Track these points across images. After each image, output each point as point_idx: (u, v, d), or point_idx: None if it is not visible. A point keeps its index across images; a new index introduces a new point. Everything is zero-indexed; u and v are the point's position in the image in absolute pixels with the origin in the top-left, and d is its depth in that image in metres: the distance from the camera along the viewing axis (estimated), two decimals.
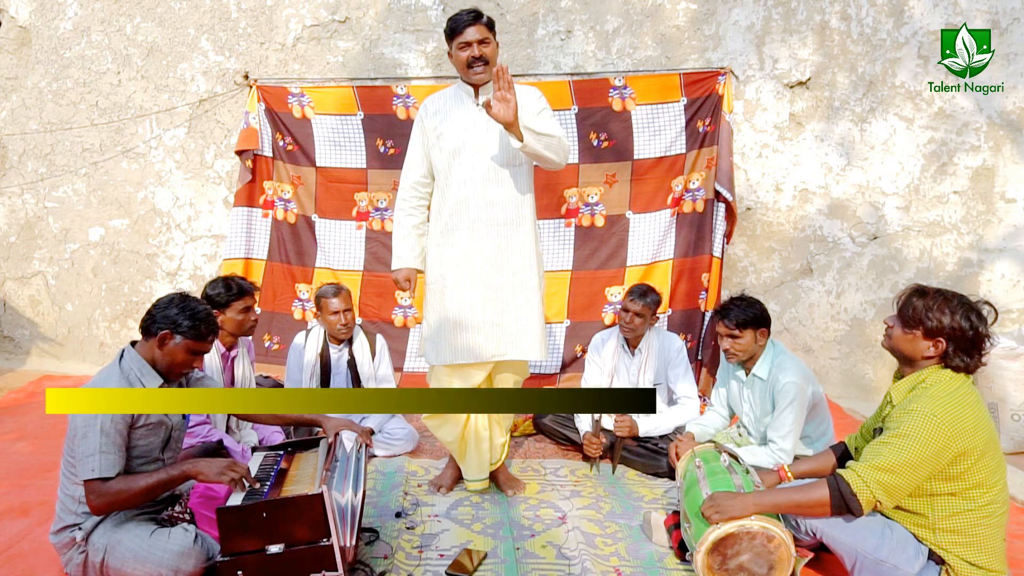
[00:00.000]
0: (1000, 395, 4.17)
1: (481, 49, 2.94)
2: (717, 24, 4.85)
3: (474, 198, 3.00)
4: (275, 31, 5.12)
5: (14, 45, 5.45)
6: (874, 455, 2.19)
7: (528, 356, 3.08)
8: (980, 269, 4.79)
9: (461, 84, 3.10)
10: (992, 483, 2.18)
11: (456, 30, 2.95)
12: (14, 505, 3.12)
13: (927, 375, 2.25)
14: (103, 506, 2.23)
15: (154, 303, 2.43)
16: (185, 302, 2.41)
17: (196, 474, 2.30)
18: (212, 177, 5.33)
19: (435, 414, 3.19)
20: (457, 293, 3.04)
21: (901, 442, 2.13)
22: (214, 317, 2.46)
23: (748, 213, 4.96)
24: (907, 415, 2.16)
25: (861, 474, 2.17)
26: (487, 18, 2.99)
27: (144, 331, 2.40)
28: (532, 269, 3.07)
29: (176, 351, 2.38)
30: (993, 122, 4.69)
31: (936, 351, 2.23)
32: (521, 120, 2.81)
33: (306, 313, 5.04)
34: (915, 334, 2.26)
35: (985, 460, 2.16)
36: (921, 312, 2.24)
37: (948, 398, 2.16)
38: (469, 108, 3.06)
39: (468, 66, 2.97)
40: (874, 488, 2.15)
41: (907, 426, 2.14)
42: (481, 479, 3.29)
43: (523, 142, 2.83)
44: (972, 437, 2.13)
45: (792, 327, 5.01)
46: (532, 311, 3.07)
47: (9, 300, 5.67)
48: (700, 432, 3.36)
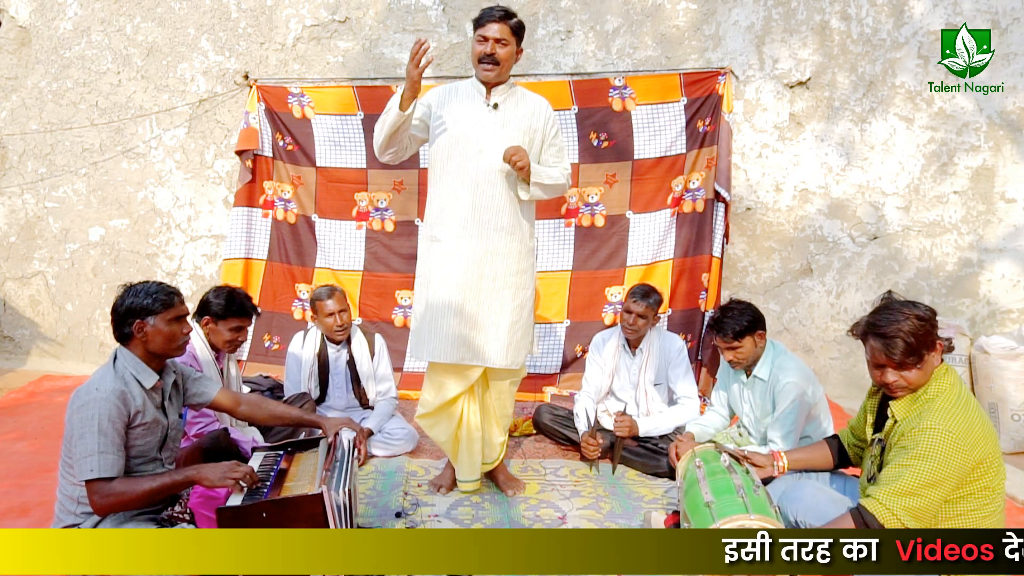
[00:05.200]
0: (1000, 395, 4.17)
1: (496, 48, 2.90)
2: (717, 24, 4.85)
3: (467, 198, 2.96)
4: (275, 31, 5.12)
5: (14, 45, 5.45)
6: (894, 479, 2.11)
7: (500, 363, 3.03)
8: (980, 269, 4.79)
9: (474, 81, 3.05)
10: (996, 485, 2.18)
11: (480, 21, 2.93)
12: (14, 505, 3.12)
13: (928, 386, 2.21)
14: (106, 507, 2.22)
15: (111, 314, 2.40)
16: (131, 291, 2.38)
17: (200, 480, 2.29)
18: (212, 177, 5.33)
19: (429, 413, 3.18)
20: (440, 290, 3.00)
21: (921, 464, 2.07)
22: (166, 284, 2.44)
23: (748, 213, 4.96)
24: (922, 434, 2.10)
25: (884, 502, 2.10)
26: (516, 21, 2.93)
27: (121, 339, 2.39)
28: (513, 276, 3.03)
29: (158, 330, 2.36)
30: (993, 122, 4.68)
31: (940, 351, 2.21)
32: (533, 176, 2.92)
33: (306, 313, 5.04)
34: (925, 361, 2.18)
35: (995, 466, 2.15)
36: (912, 344, 2.15)
37: (955, 409, 2.12)
38: (479, 105, 3.01)
39: (479, 60, 2.94)
40: (900, 515, 2.08)
41: (924, 446, 2.08)
42: (472, 480, 3.25)
43: (529, 195, 2.96)
44: (984, 445, 2.11)
45: (792, 327, 5.01)
46: (509, 318, 3.02)
47: (9, 300, 5.67)
48: (700, 432, 3.37)
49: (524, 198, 2.98)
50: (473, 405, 3.18)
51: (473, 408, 3.17)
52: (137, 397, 2.32)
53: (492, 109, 2.99)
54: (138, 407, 2.31)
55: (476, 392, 3.17)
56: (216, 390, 2.67)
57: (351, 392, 3.92)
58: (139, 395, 2.33)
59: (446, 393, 3.10)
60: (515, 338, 3.05)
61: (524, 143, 2.97)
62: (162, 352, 2.41)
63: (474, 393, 3.17)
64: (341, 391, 3.92)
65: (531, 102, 3.06)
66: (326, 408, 3.91)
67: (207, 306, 3.23)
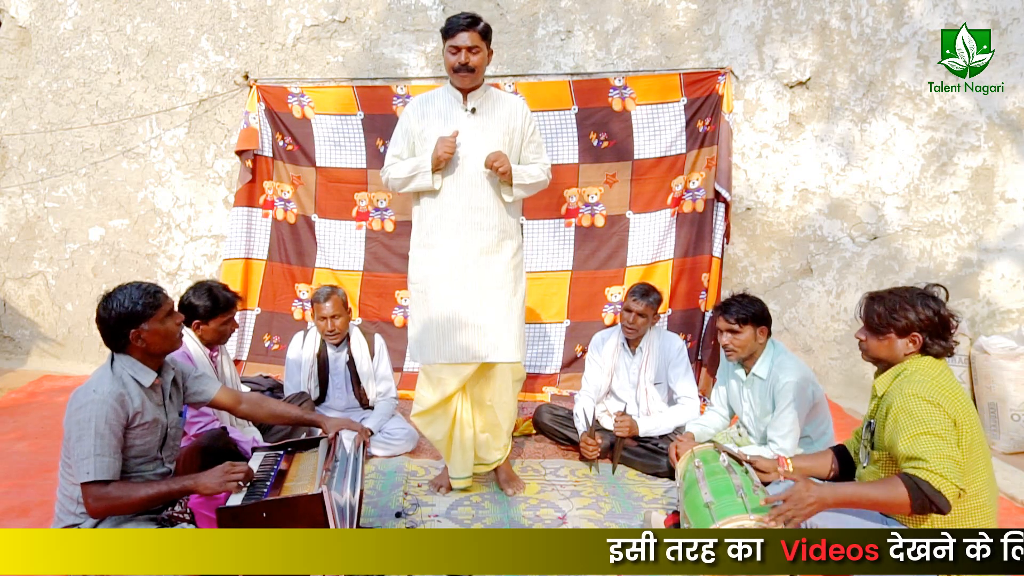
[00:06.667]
0: (1000, 395, 4.17)
1: (469, 56, 2.97)
2: (717, 24, 4.85)
3: (458, 202, 3.06)
4: (275, 31, 5.12)
5: (14, 45, 5.45)
6: (916, 448, 2.07)
7: (508, 359, 3.11)
8: (980, 269, 4.79)
9: (449, 87, 3.13)
10: (977, 469, 2.16)
11: (449, 32, 2.98)
12: (14, 505, 3.12)
13: (908, 364, 2.27)
14: (101, 510, 2.22)
15: (99, 326, 2.36)
16: (113, 301, 2.33)
17: (197, 488, 2.27)
18: (212, 177, 5.33)
19: (425, 411, 3.21)
20: (440, 293, 3.08)
21: (924, 428, 2.08)
22: (145, 284, 2.40)
23: (748, 213, 4.96)
24: (907, 401, 2.14)
25: (934, 469, 2.03)
26: (483, 25, 3.00)
27: (117, 349, 2.36)
28: (507, 272, 3.12)
29: (155, 332, 2.33)
30: (993, 122, 4.68)
31: (915, 346, 2.25)
32: (516, 179, 3.03)
33: (306, 313, 5.04)
34: (889, 338, 2.27)
35: (971, 435, 2.14)
36: (886, 315, 2.26)
37: (932, 380, 2.18)
38: (457, 113, 3.10)
39: (455, 70, 3.01)
40: (952, 478, 2.02)
41: (917, 414, 2.10)
42: (463, 477, 3.28)
43: (513, 197, 3.08)
44: (957, 407, 2.14)
45: (792, 327, 5.01)
46: (511, 314, 3.11)
47: (9, 300, 5.67)
48: (700, 432, 3.36)
49: (508, 200, 3.10)
50: (466, 403, 3.22)
51: (466, 406, 3.22)
52: (135, 398, 2.31)
53: (471, 114, 3.09)
54: (136, 408, 2.31)
55: (469, 391, 3.21)
56: (216, 388, 2.67)
57: (351, 392, 3.92)
58: (137, 396, 2.32)
59: (443, 391, 3.15)
60: (514, 332, 3.13)
61: (504, 143, 3.08)
62: (162, 351, 2.41)
63: (467, 391, 3.21)
64: (341, 391, 3.92)
65: (506, 103, 3.17)
66: (326, 408, 3.91)
67: (193, 310, 3.21)
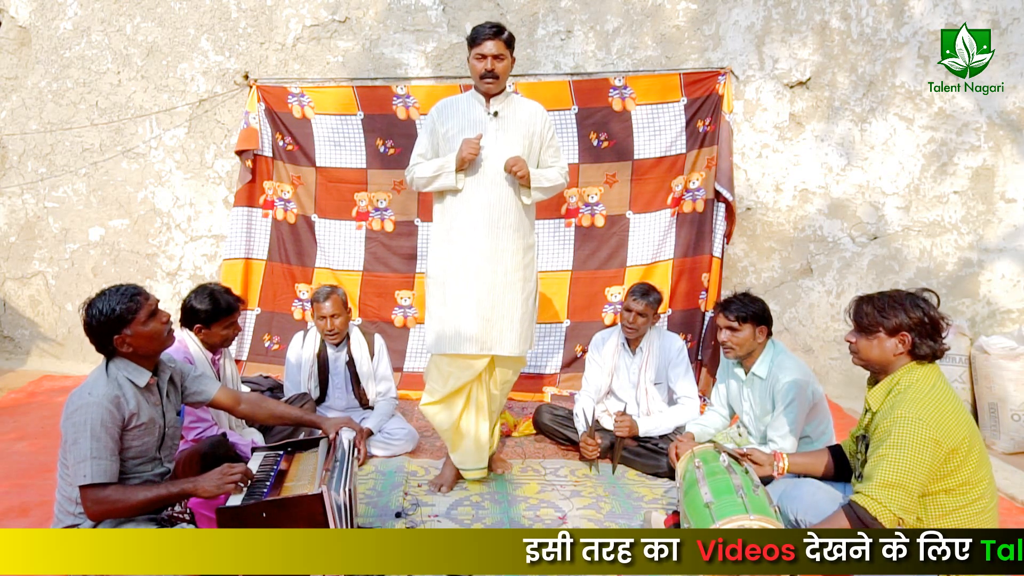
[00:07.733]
0: (1000, 395, 4.17)
1: (495, 64, 3.12)
2: (717, 24, 4.85)
3: (479, 201, 3.17)
4: (275, 31, 5.12)
5: (14, 45, 5.45)
6: (875, 470, 2.15)
7: (514, 352, 3.24)
8: (980, 269, 4.79)
9: (474, 92, 3.27)
10: (980, 478, 2.18)
11: (476, 40, 3.14)
12: (14, 505, 3.12)
13: (900, 375, 2.27)
14: (99, 513, 2.21)
15: (87, 334, 2.34)
16: (93, 308, 2.31)
17: (196, 492, 2.27)
18: (212, 177, 5.33)
19: (435, 401, 3.28)
20: (459, 288, 3.20)
21: (896, 453, 2.11)
22: (123, 286, 2.37)
23: (748, 213, 4.96)
24: (894, 424, 2.15)
25: (875, 496, 2.12)
26: (508, 35, 3.17)
27: (109, 355, 2.35)
28: (521, 270, 3.25)
29: (139, 335, 2.31)
30: (993, 122, 4.68)
31: (904, 346, 2.26)
32: (534, 183, 3.17)
33: (306, 313, 5.04)
34: (879, 337, 2.29)
35: (972, 455, 2.16)
36: (875, 316, 2.29)
37: (927, 398, 2.16)
38: (481, 116, 3.23)
39: (481, 77, 3.15)
40: (892, 507, 2.09)
41: (896, 435, 2.13)
42: (479, 468, 3.35)
43: (531, 199, 3.22)
44: (957, 432, 2.13)
45: (792, 327, 5.01)
46: (520, 310, 3.24)
47: (9, 300, 5.67)
48: (700, 432, 3.36)
49: (527, 202, 3.24)
50: (482, 395, 3.31)
51: (482, 397, 3.31)
52: (131, 399, 2.31)
53: (493, 117, 3.21)
54: (132, 410, 2.30)
55: (484, 380, 3.31)
56: (216, 388, 2.66)
57: (351, 392, 3.92)
58: (133, 397, 2.32)
59: (455, 382, 3.24)
60: (525, 328, 3.29)
61: (524, 146, 3.22)
62: (152, 352, 2.39)
63: (482, 381, 3.30)
64: (341, 391, 3.92)
65: (527, 107, 3.31)
66: (326, 408, 3.91)
67: (195, 314, 3.20)
